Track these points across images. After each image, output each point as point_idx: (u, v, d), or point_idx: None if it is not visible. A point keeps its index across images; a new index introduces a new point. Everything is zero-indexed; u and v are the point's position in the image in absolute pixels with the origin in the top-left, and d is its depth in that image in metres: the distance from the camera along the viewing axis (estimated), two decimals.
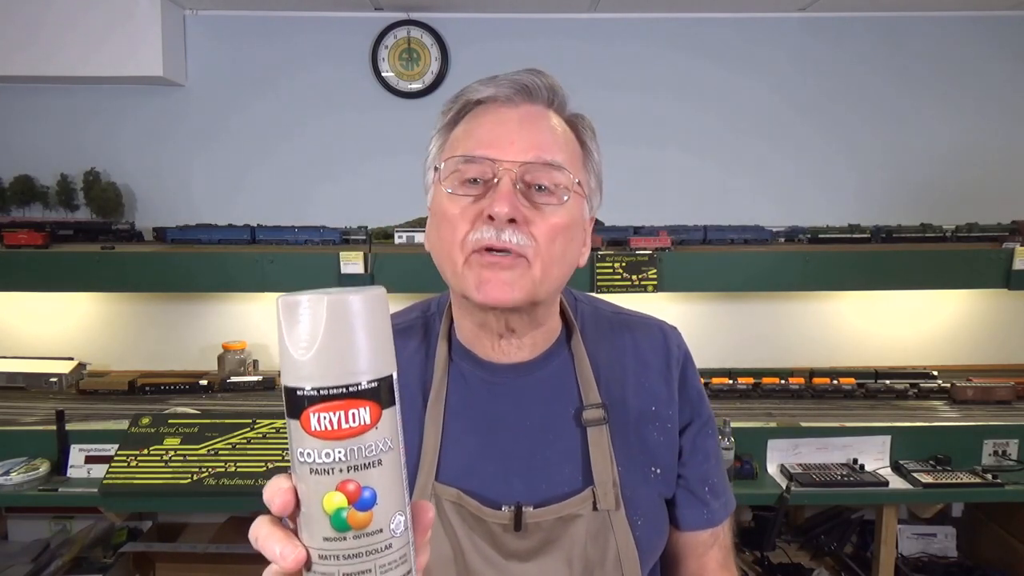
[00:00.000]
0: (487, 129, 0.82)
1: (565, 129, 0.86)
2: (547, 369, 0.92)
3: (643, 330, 0.99)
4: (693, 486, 0.97)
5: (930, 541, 2.64)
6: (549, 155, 0.81)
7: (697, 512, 0.97)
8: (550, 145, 0.82)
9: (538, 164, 0.81)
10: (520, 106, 0.84)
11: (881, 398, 2.59)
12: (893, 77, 2.85)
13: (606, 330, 0.97)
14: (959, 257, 2.56)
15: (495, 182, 0.80)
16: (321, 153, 2.87)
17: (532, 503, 0.87)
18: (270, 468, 2.03)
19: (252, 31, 2.82)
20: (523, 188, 0.80)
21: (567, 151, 0.84)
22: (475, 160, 0.81)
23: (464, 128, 0.85)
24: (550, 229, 0.81)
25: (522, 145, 0.81)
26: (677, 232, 2.63)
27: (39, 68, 2.61)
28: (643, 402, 0.94)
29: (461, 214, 0.81)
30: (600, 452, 0.88)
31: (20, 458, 2.13)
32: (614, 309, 1.02)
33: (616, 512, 0.87)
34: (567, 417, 0.91)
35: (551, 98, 0.85)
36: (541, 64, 0.88)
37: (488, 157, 0.80)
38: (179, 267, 2.53)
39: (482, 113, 0.84)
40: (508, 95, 0.84)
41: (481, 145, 0.81)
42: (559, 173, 0.81)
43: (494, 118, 0.83)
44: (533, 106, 0.84)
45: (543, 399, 0.91)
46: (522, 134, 0.81)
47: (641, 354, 0.96)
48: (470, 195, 0.81)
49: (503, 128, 0.82)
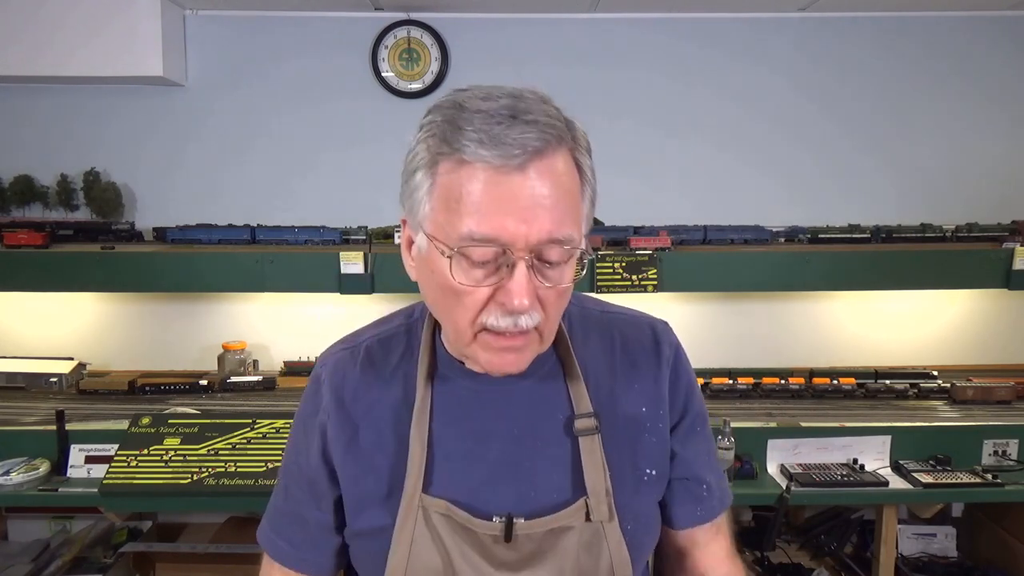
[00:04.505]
0: (497, 206, 0.73)
1: (565, 165, 0.77)
2: (535, 376, 0.89)
3: (632, 328, 0.97)
4: (686, 484, 0.96)
5: (930, 541, 2.64)
6: (562, 233, 0.75)
7: (690, 510, 0.96)
8: (561, 218, 0.75)
9: (551, 242, 0.75)
10: (527, 169, 0.73)
11: (881, 398, 2.59)
12: (892, 77, 2.85)
13: (594, 331, 0.96)
14: (959, 257, 2.56)
15: (508, 267, 0.75)
16: (320, 153, 2.86)
17: (522, 513, 0.86)
18: (270, 468, 2.03)
19: (252, 31, 2.82)
20: (536, 265, 0.76)
21: (573, 205, 0.78)
22: (485, 243, 0.74)
23: (466, 189, 0.74)
24: (559, 297, 0.79)
25: (537, 225, 0.74)
26: (677, 232, 2.63)
27: (38, 68, 2.61)
28: (634, 404, 0.92)
29: (472, 294, 0.77)
30: (593, 462, 0.87)
31: (20, 458, 2.12)
32: (602, 308, 1.00)
33: (609, 523, 0.86)
34: (556, 425, 0.89)
35: (560, 137, 0.76)
36: (541, 64, 0.87)
37: (502, 242, 0.74)
38: (179, 267, 2.53)
39: (486, 178, 0.73)
40: (520, 164, 0.73)
41: (490, 224, 0.73)
42: (570, 244, 0.77)
43: (501, 191, 0.73)
44: (542, 161, 0.74)
45: (531, 406, 0.89)
46: (533, 212, 0.73)
47: (630, 353, 0.94)
48: (479, 270, 0.76)
49: (514, 205, 0.73)
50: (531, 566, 0.85)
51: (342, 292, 2.50)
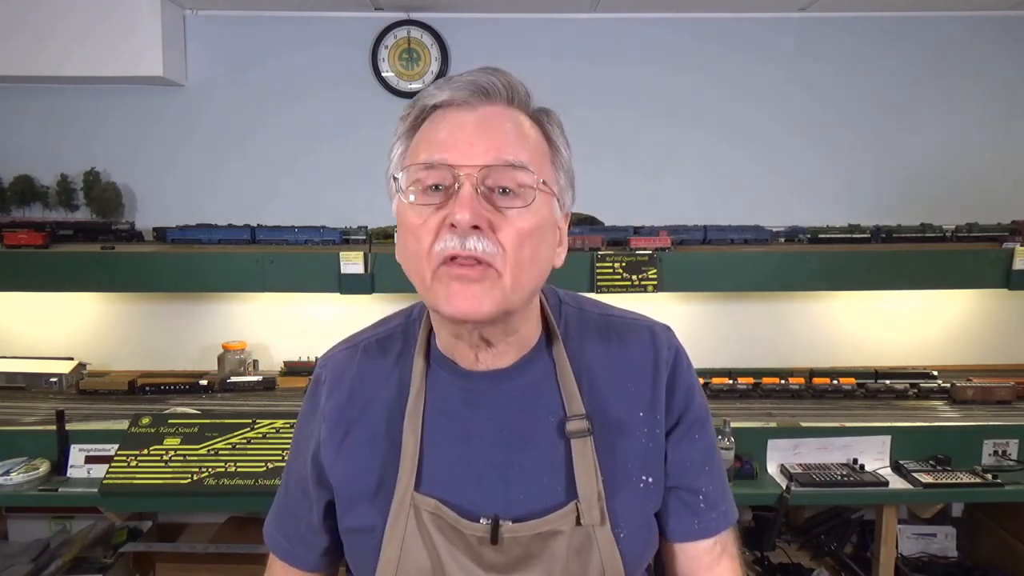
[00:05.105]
0: (445, 134, 0.79)
1: (530, 126, 0.83)
2: (526, 376, 0.89)
3: (631, 332, 0.95)
4: (681, 493, 0.93)
5: (930, 541, 2.64)
6: (511, 155, 0.78)
7: (686, 522, 0.93)
8: (511, 145, 0.79)
9: (499, 166, 0.78)
10: (478, 108, 0.80)
11: (881, 398, 2.59)
12: (893, 76, 2.85)
13: (591, 333, 0.94)
14: (959, 257, 2.56)
15: (456, 188, 0.77)
16: (320, 153, 2.86)
17: (510, 515, 0.85)
18: (270, 468, 2.03)
19: (252, 31, 2.82)
20: (485, 192, 0.78)
21: (531, 149, 0.81)
22: (434, 166, 0.78)
23: (422, 134, 0.82)
24: (517, 234, 0.78)
25: (481, 147, 0.78)
26: (677, 232, 2.63)
27: (38, 68, 2.61)
28: (630, 409, 0.90)
29: (424, 224, 0.78)
30: (585, 465, 0.86)
31: (20, 458, 2.12)
32: (601, 310, 0.98)
33: (601, 527, 0.85)
34: (548, 426, 0.88)
35: (511, 96, 0.82)
36: (541, 64, 0.88)
37: (447, 162, 0.77)
38: (179, 267, 2.52)
39: (439, 118, 0.81)
40: (464, 98, 0.80)
41: (440, 150, 0.78)
42: (522, 173, 0.78)
43: (451, 122, 0.80)
44: (492, 106, 0.81)
45: (521, 407, 0.88)
46: (481, 136, 0.78)
47: (628, 357, 0.92)
48: (432, 203, 0.78)
49: (461, 132, 0.79)
50: (519, 570, 0.84)
51: (342, 292, 2.50)
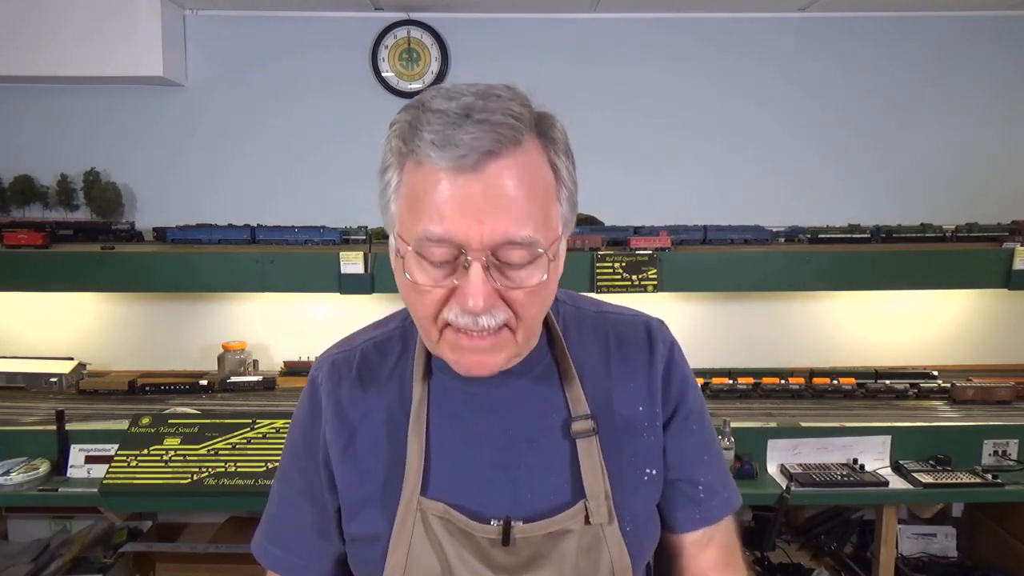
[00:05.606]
0: (452, 207, 0.73)
1: (535, 165, 0.76)
2: (528, 377, 0.89)
3: (627, 327, 0.95)
4: (681, 485, 0.94)
5: (930, 541, 2.64)
6: (522, 232, 0.74)
7: (688, 513, 0.94)
8: (519, 217, 0.74)
9: (509, 244, 0.74)
10: (482, 170, 0.73)
11: (881, 398, 2.59)
12: (893, 77, 2.85)
13: (588, 331, 0.95)
14: (959, 257, 2.56)
15: (464, 266, 0.75)
16: (320, 153, 2.86)
17: (520, 516, 0.85)
18: (270, 468, 2.03)
19: (252, 31, 2.82)
20: (495, 263, 0.76)
21: (538, 206, 0.76)
22: (440, 242, 0.74)
23: (425, 191, 0.74)
24: (527, 296, 0.77)
25: (489, 226, 0.73)
26: (677, 232, 2.63)
27: (38, 68, 2.61)
28: (630, 404, 0.91)
29: (431, 293, 0.77)
30: (591, 464, 0.86)
31: (20, 458, 2.13)
32: (597, 307, 0.98)
33: (609, 525, 0.85)
34: (553, 426, 0.88)
35: (516, 135, 0.74)
36: (541, 64, 0.86)
37: (454, 240, 0.73)
38: (179, 267, 2.52)
39: (441, 180, 0.73)
40: (473, 165, 0.72)
41: (444, 222, 0.73)
42: (531, 246, 0.76)
43: (456, 189, 0.73)
44: (498, 162, 0.73)
45: (525, 408, 0.89)
46: (488, 212, 0.73)
47: (625, 353, 0.93)
48: (440, 273, 0.76)
49: (469, 203, 0.73)
50: (530, 570, 0.84)
51: (342, 292, 2.50)
